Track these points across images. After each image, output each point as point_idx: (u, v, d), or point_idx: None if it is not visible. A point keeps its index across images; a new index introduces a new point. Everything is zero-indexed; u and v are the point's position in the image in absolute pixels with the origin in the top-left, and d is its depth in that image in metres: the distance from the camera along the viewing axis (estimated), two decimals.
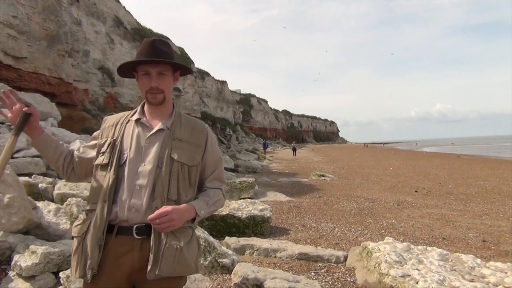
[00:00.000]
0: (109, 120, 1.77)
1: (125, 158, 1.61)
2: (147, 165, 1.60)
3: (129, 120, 1.72)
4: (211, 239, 4.12)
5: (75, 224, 1.66)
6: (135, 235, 1.56)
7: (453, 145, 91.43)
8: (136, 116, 1.72)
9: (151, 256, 1.54)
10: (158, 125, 1.68)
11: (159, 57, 1.63)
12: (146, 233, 1.56)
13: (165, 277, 1.55)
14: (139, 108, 1.77)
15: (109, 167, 1.61)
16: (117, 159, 1.61)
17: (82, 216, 1.67)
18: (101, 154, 1.66)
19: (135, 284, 1.62)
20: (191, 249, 1.65)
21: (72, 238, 1.66)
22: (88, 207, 1.65)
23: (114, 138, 1.67)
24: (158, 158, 1.62)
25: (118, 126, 1.71)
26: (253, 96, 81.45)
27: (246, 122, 72.02)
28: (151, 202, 1.57)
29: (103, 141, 1.69)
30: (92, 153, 1.73)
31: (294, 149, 37.57)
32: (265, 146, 40.91)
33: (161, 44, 1.68)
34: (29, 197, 3.92)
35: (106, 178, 1.60)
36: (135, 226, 1.56)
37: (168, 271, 1.55)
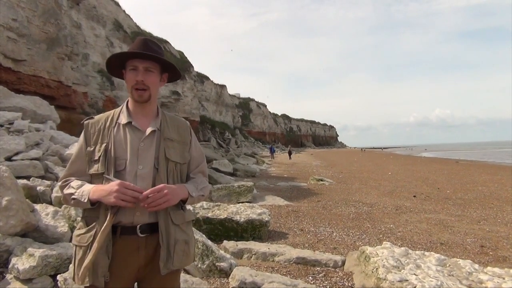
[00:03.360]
0: (92, 125, 1.70)
1: (123, 164, 1.61)
2: (145, 168, 1.62)
3: (117, 124, 1.69)
4: (209, 242, 4.12)
5: (77, 233, 1.64)
6: (139, 233, 1.59)
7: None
8: (124, 120, 1.69)
9: (162, 253, 1.60)
10: (149, 127, 1.69)
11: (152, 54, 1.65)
12: (149, 231, 1.61)
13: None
14: (124, 109, 1.73)
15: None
16: (114, 166, 1.60)
17: (81, 224, 1.65)
18: (94, 163, 1.64)
19: (140, 280, 1.67)
20: (193, 241, 1.77)
21: (74, 246, 1.64)
22: (86, 214, 1.64)
23: (105, 144, 1.64)
24: (154, 159, 1.64)
25: (106, 131, 1.67)
26: (252, 100, 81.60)
27: (245, 126, 72.11)
28: None
29: (92, 148, 1.66)
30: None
31: (290, 153, 39.31)
32: (272, 150, 41.72)
33: (152, 43, 1.70)
34: (27, 199, 3.91)
35: None
36: (138, 225, 1.59)
37: (179, 265, 1.65)
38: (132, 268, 1.61)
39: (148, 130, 1.68)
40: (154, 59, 1.67)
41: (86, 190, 1.58)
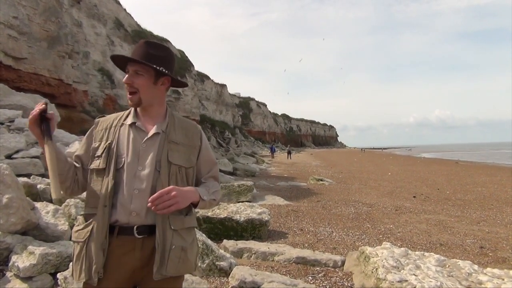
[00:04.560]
0: (102, 123, 1.73)
1: (122, 163, 1.61)
2: (144, 169, 1.61)
3: (123, 124, 1.70)
4: (209, 242, 4.12)
5: (75, 229, 1.65)
6: (136, 234, 1.58)
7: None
8: (130, 120, 1.70)
9: (157, 257, 1.57)
10: (153, 129, 1.68)
11: (139, 58, 1.63)
12: (146, 232, 1.59)
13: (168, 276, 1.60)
14: (132, 110, 1.74)
15: (106, 172, 1.60)
16: (114, 163, 1.60)
17: (81, 220, 1.66)
18: (96, 158, 1.64)
19: (137, 283, 1.65)
20: (193, 249, 1.72)
21: (73, 242, 1.66)
22: (86, 211, 1.65)
23: (109, 141, 1.65)
24: (156, 161, 1.62)
25: (112, 129, 1.69)
26: (253, 99, 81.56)
27: (245, 126, 72.09)
28: None
29: (97, 144, 1.67)
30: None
31: (289, 152, 39.70)
32: (272, 150, 42.36)
33: (150, 46, 1.67)
34: (27, 197, 3.91)
35: (104, 183, 1.60)
36: (135, 226, 1.58)
37: (173, 272, 1.60)
38: (126, 269, 1.59)
39: (151, 132, 1.67)
40: (143, 64, 1.64)
41: None
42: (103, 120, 1.74)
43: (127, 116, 1.73)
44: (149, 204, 1.51)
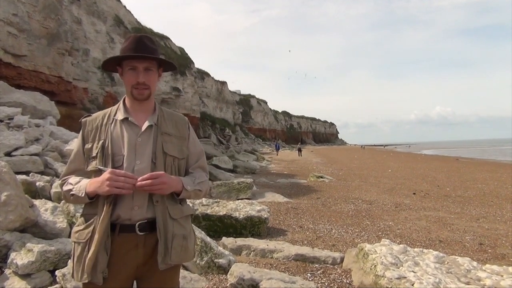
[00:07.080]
0: (90, 122, 1.72)
1: (121, 160, 1.62)
2: (142, 163, 1.63)
3: (114, 120, 1.70)
4: (208, 239, 4.12)
5: (75, 229, 1.65)
6: (138, 231, 1.59)
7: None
8: (121, 116, 1.70)
9: (160, 248, 1.59)
10: (146, 123, 1.69)
11: (146, 53, 1.65)
12: (148, 229, 1.61)
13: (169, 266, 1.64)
14: (121, 105, 1.74)
15: (103, 172, 1.60)
16: (111, 162, 1.61)
17: (81, 221, 1.66)
18: (92, 160, 1.65)
19: (139, 278, 1.68)
20: (192, 236, 1.77)
21: (73, 243, 1.65)
22: (86, 211, 1.65)
23: (102, 140, 1.65)
24: (151, 153, 1.65)
25: (103, 128, 1.68)
26: (253, 96, 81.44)
27: (246, 123, 72.02)
28: (151, 197, 1.62)
29: (90, 145, 1.67)
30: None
31: (299, 150, 41.31)
32: (277, 147, 43.56)
33: (147, 40, 1.70)
34: (26, 195, 3.91)
35: None
36: (137, 223, 1.59)
37: (177, 260, 1.64)
38: (130, 266, 1.61)
39: (145, 125, 1.68)
40: (153, 59, 1.68)
41: (83, 185, 1.60)
42: (90, 120, 1.73)
43: (116, 112, 1.73)
44: (138, 183, 1.53)
